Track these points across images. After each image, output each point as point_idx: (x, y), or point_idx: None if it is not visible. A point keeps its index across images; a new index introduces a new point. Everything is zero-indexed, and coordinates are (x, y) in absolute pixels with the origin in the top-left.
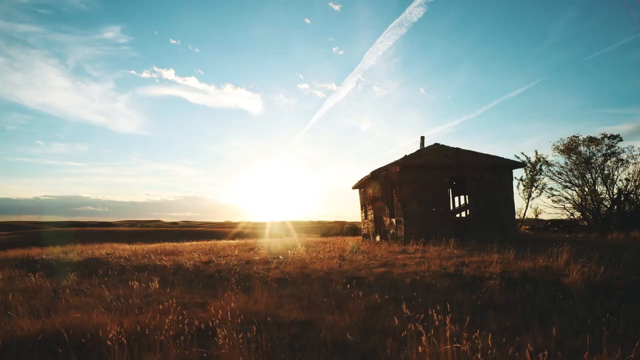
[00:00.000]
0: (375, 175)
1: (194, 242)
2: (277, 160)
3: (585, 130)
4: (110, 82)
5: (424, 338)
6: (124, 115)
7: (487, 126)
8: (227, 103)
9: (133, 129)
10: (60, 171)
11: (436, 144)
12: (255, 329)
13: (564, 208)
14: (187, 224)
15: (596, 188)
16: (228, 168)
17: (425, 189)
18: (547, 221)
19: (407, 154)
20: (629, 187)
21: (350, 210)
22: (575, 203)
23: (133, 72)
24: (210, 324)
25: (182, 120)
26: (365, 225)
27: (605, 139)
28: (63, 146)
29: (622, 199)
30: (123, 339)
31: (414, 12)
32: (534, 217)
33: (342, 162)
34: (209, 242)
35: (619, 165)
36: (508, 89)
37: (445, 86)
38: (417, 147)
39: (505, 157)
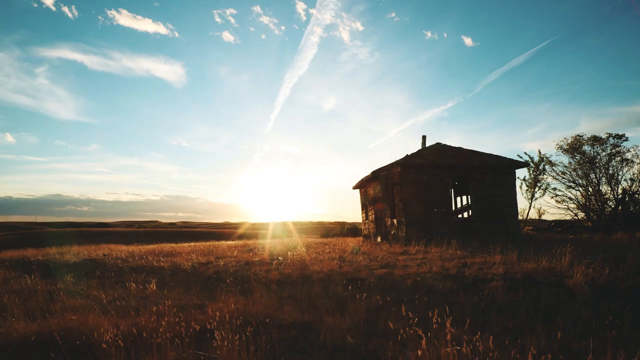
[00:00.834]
0: (376, 175)
1: (192, 243)
2: (258, 153)
3: (598, 114)
4: (14, 48)
5: (424, 342)
6: (53, 95)
7: (485, 109)
8: (138, 71)
9: (71, 114)
10: (22, 167)
11: (438, 144)
12: (254, 331)
13: (568, 208)
14: (185, 225)
15: (600, 188)
16: (205, 163)
17: (426, 189)
18: (550, 222)
19: (408, 154)
20: (634, 187)
21: (351, 210)
22: (579, 203)
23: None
24: (209, 326)
25: (120, 102)
26: (366, 226)
27: (610, 138)
28: (8, 137)
29: (627, 199)
30: (120, 342)
31: None
32: (537, 218)
33: (328, 158)
34: (208, 243)
35: (624, 165)
36: (510, 55)
37: (429, 52)
38: (405, 135)
39: (508, 156)
